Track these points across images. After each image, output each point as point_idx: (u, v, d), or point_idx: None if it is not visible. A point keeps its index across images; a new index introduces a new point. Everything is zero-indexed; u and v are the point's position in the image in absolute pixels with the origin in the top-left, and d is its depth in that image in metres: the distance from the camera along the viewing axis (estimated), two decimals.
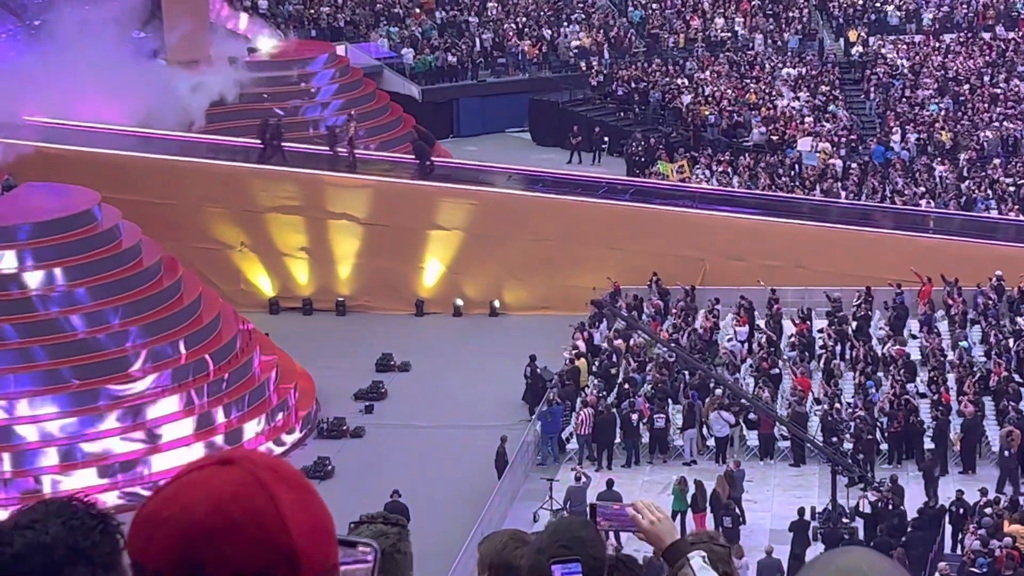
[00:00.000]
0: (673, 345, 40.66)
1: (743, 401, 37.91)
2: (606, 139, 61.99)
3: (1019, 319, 42.03)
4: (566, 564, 4.81)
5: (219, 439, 38.16)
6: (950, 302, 43.47)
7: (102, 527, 2.96)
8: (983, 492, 33.00)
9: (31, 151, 47.94)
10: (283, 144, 51.23)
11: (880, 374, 39.76)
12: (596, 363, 41.26)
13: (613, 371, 40.88)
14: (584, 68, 66.24)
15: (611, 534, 26.70)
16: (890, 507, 32.59)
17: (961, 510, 32.71)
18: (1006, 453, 35.51)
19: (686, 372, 39.91)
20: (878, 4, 69.99)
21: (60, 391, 37.34)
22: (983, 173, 54.74)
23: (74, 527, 2.94)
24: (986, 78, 63.36)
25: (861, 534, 32.34)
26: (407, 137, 55.12)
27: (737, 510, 33.90)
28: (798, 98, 61.83)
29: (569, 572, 4.81)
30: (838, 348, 41.40)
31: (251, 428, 39.21)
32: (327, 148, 51.77)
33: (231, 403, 39.28)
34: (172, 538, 2.38)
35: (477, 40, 67.35)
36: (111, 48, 50.50)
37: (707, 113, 60.72)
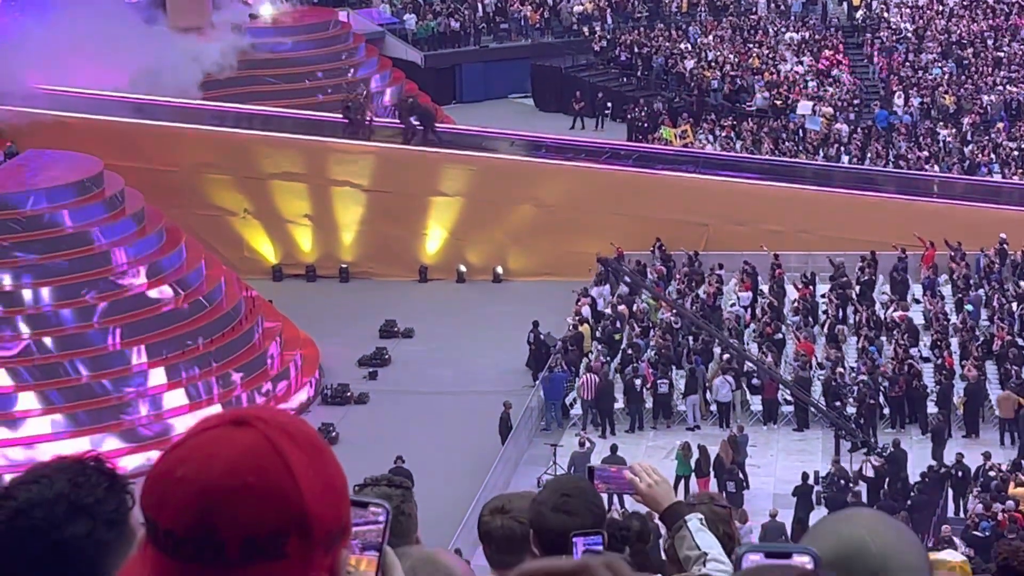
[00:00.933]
0: (677, 304, 40.68)
1: (748, 364, 37.96)
2: (609, 104, 61.86)
3: (1022, 283, 42.01)
4: (588, 537, 4.83)
5: (220, 407, 38.17)
6: (953, 266, 43.47)
7: (108, 485, 3.01)
8: (986, 456, 33.05)
9: (35, 118, 47.88)
10: (366, 119, 51.21)
11: (883, 338, 39.78)
12: (599, 329, 41.27)
13: (616, 337, 40.90)
14: (587, 33, 66.08)
15: (615, 498, 26.77)
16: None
17: (960, 473, 32.79)
18: None
19: (690, 337, 39.96)
20: None
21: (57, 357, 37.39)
22: (986, 137, 54.68)
23: (79, 483, 2.99)
24: (990, 41, 63.17)
25: (864, 498, 32.40)
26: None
27: (740, 475, 33.97)
28: (801, 63, 61.68)
29: (590, 544, 4.82)
30: (841, 313, 41.41)
31: (254, 396, 39.21)
32: (399, 121, 51.73)
33: (234, 370, 39.30)
34: (184, 500, 2.38)
35: (479, 5, 67.16)
36: (110, 12, 50.42)
37: (710, 78, 60.60)
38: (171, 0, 55.77)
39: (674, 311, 41.10)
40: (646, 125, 57.52)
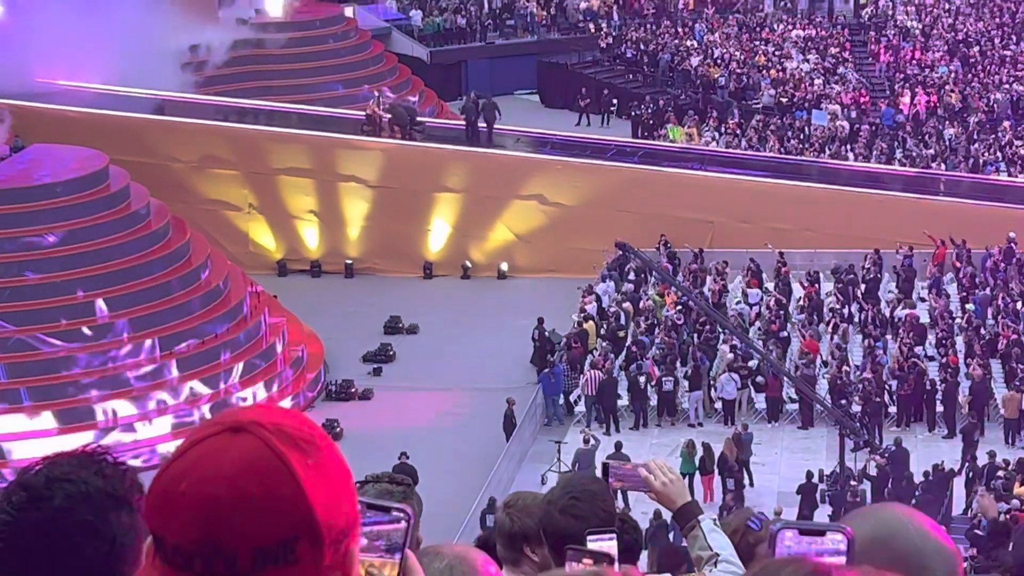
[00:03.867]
0: (689, 290, 40.67)
1: (755, 359, 37.91)
2: (615, 101, 61.86)
3: None
4: (600, 535, 4.81)
5: (226, 401, 38.19)
6: (958, 264, 43.47)
7: (127, 473, 3.08)
8: (991, 455, 33.01)
9: (42, 113, 47.89)
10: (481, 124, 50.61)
11: (888, 337, 39.74)
12: (603, 326, 41.21)
13: (621, 334, 40.86)
14: (593, 30, 66.06)
15: (619, 496, 26.77)
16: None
17: (971, 473, 32.76)
18: None
19: (694, 334, 39.93)
20: None
21: (74, 352, 37.37)
22: (993, 136, 54.60)
23: (107, 475, 3.06)
24: (996, 40, 63.13)
25: (868, 497, 32.37)
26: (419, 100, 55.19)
27: (745, 472, 33.95)
28: (807, 60, 61.64)
29: (602, 540, 4.80)
30: (846, 311, 41.38)
31: (259, 390, 39.21)
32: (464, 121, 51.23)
33: (239, 365, 39.29)
34: (189, 514, 2.33)
35: (486, 2, 67.18)
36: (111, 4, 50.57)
37: (716, 75, 60.56)
38: None
39: (682, 299, 41.08)
40: (652, 122, 57.52)
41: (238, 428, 2.37)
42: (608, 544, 4.75)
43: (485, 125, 50.40)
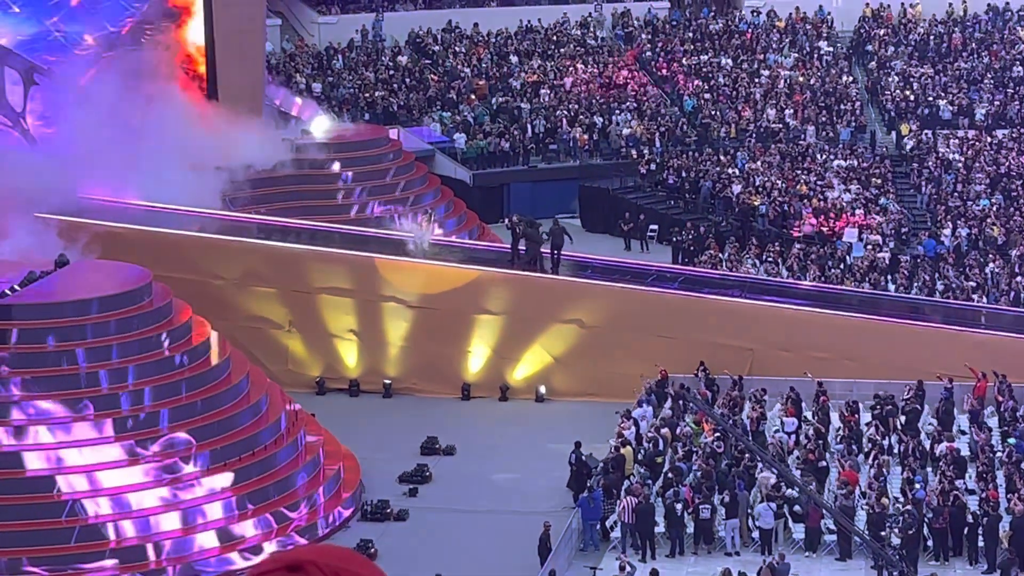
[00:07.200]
0: (726, 422, 40.49)
1: (795, 489, 37.63)
2: (653, 227, 62.10)
3: None
4: None
5: (263, 518, 38.08)
6: (999, 398, 43.23)
7: None
8: None
9: (85, 228, 48.30)
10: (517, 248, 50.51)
11: (928, 469, 39.46)
12: (641, 451, 41.05)
13: (658, 459, 40.69)
14: (635, 156, 66.46)
15: None
16: None
17: None
18: None
19: (732, 462, 39.72)
20: (931, 98, 70.02)
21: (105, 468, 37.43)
22: None
23: None
24: None
25: None
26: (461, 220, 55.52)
27: None
28: (849, 190, 61.80)
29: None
30: (886, 442, 41.13)
31: (295, 509, 39.08)
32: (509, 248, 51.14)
33: (275, 483, 39.20)
34: None
35: (529, 126, 67.73)
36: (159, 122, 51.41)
37: (757, 203, 60.75)
38: (223, 87, 56.73)
39: (720, 430, 40.88)
40: (692, 248, 57.69)
41: (296, 568, 2.38)
42: None
43: (554, 251, 50.24)
